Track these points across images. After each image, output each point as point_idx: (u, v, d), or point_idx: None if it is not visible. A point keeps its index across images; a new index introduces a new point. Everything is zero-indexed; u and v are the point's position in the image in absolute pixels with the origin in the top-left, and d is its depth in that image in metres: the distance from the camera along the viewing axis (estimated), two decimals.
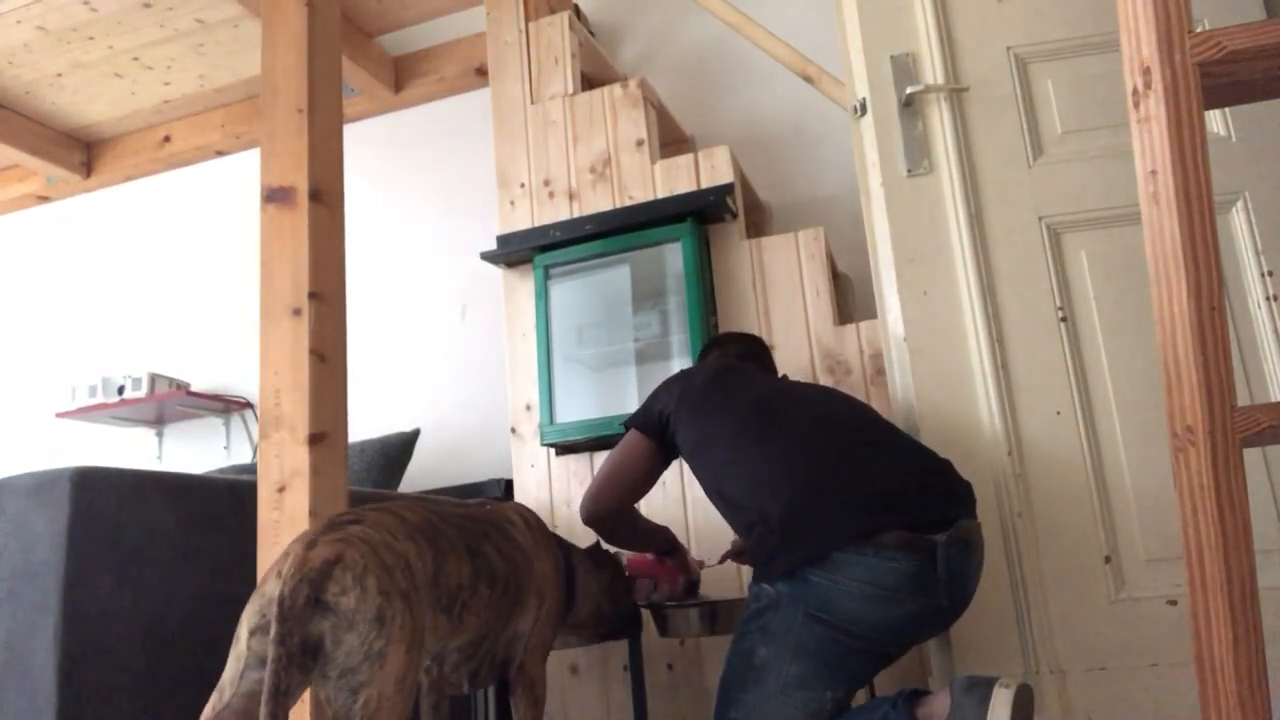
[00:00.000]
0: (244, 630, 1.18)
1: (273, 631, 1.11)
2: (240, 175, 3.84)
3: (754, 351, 2.10)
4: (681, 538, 2.40)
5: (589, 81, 3.04)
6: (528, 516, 1.73)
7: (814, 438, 1.59)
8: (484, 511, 1.63)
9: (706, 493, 1.71)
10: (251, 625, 1.17)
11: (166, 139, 3.88)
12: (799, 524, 1.49)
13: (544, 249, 2.68)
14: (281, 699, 1.08)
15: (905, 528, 1.45)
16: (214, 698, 1.18)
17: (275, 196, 1.78)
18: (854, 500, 1.48)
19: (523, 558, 1.60)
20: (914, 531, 1.45)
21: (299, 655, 1.13)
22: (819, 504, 1.49)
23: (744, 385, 1.76)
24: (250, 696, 1.18)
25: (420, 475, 3.09)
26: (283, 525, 1.62)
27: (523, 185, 2.83)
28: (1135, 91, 1.06)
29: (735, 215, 2.56)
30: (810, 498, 1.50)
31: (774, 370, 2.15)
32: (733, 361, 1.93)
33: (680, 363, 2.49)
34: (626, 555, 2.04)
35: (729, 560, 2.06)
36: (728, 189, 2.52)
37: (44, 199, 4.19)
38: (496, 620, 1.50)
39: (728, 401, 1.72)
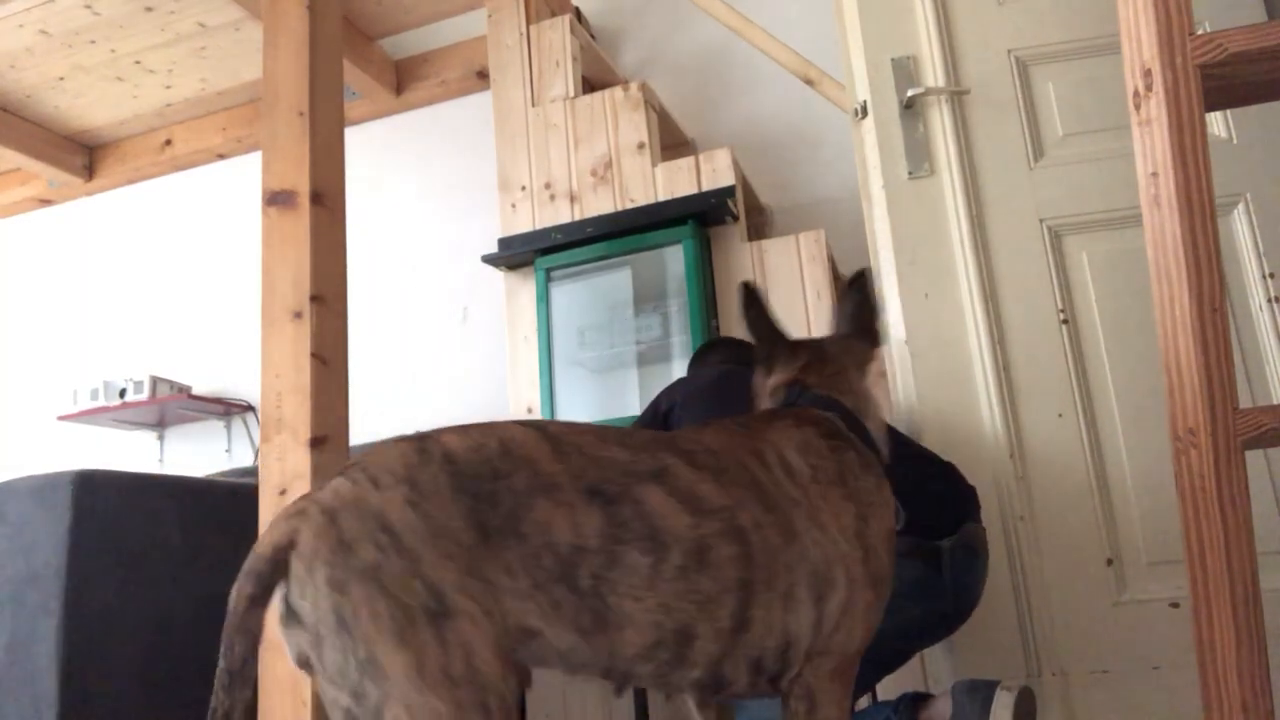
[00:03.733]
0: None
1: (221, 643, 0.88)
2: (242, 178, 3.85)
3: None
4: None
5: (590, 84, 3.04)
6: (819, 466, 1.11)
7: None
8: (711, 435, 1.10)
9: None
10: None
11: (168, 142, 3.89)
12: None
13: (545, 252, 2.68)
14: None
15: (909, 532, 1.44)
16: None
17: (277, 199, 1.78)
18: None
19: (770, 522, 1.04)
20: (919, 536, 1.44)
21: (249, 671, 0.89)
22: None
23: (744, 386, 1.75)
24: None
25: None
26: None
27: (524, 188, 2.83)
28: (1136, 94, 1.06)
29: (736, 218, 2.56)
30: None
31: None
32: (737, 368, 1.93)
33: (682, 365, 2.49)
34: None
35: None
36: (729, 192, 2.52)
37: (46, 202, 4.19)
38: (701, 608, 0.99)
39: (732, 402, 1.71)
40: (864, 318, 1.30)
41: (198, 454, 3.67)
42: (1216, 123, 1.86)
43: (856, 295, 1.32)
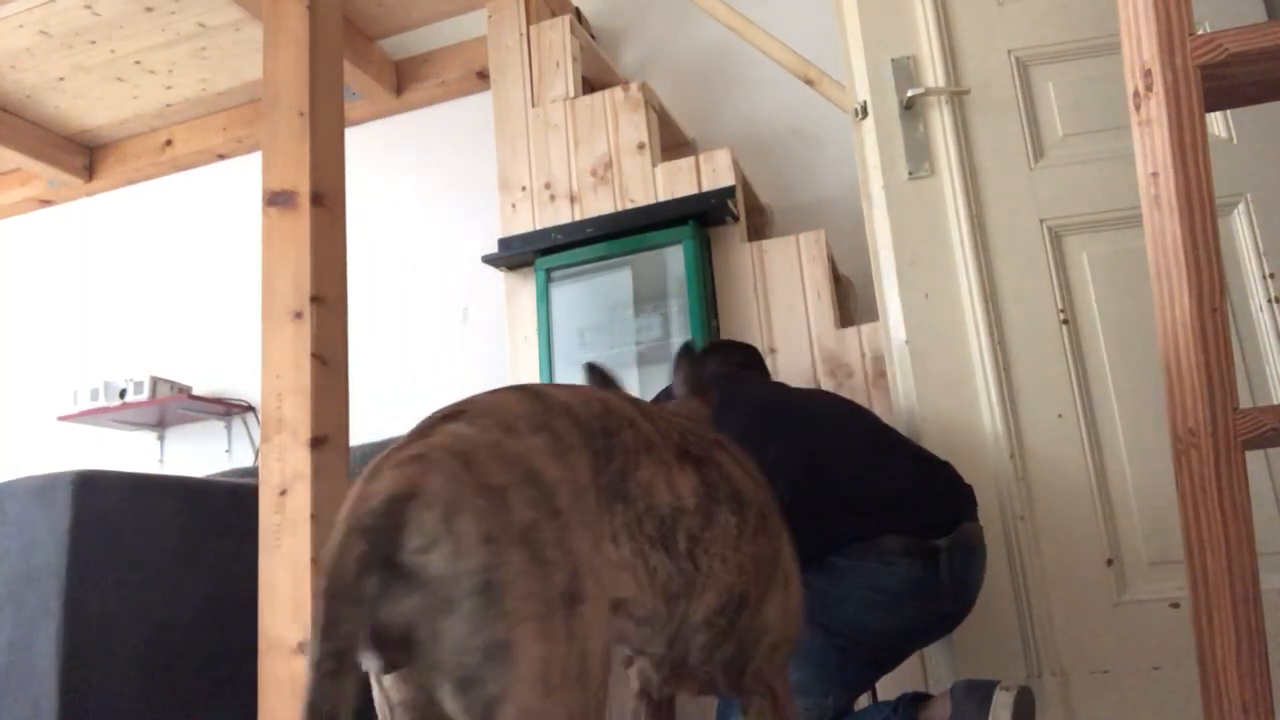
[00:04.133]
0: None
1: (318, 617, 0.70)
2: (242, 179, 3.84)
3: (751, 360, 2.09)
4: None
5: (590, 85, 3.04)
6: (754, 473, 1.15)
7: (817, 441, 1.59)
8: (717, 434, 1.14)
9: None
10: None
11: (168, 143, 3.89)
12: (800, 526, 1.48)
13: (545, 252, 2.68)
14: None
15: (907, 532, 1.45)
16: None
17: (277, 200, 1.78)
18: (855, 503, 1.48)
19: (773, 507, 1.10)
20: (916, 536, 1.45)
21: (360, 653, 0.71)
22: (820, 506, 1.49)
23: (750, 389, 1.76)
24: None
25: None
26: (284, 529, 1.62)
27: (524, 188, 2.83)
28: (1136, 94, 1.06)
29: (736, 218, 2.56)
30: (812, 500, 1.49)
31: (769, 378, 2.15)
32: (736, 369, 1.93)
33: None
34: None
35: None
36: (729, 192, 2.52)
37: (46, 203, 4.19)
38: (757, 573, 1.00)
39: (734, 403, 1.72)
40: (695, 383, 1.37)
41: (198, 454, 3.67)
42: (1216, 123, 1.86)
43: (687, 365, 1.39)
